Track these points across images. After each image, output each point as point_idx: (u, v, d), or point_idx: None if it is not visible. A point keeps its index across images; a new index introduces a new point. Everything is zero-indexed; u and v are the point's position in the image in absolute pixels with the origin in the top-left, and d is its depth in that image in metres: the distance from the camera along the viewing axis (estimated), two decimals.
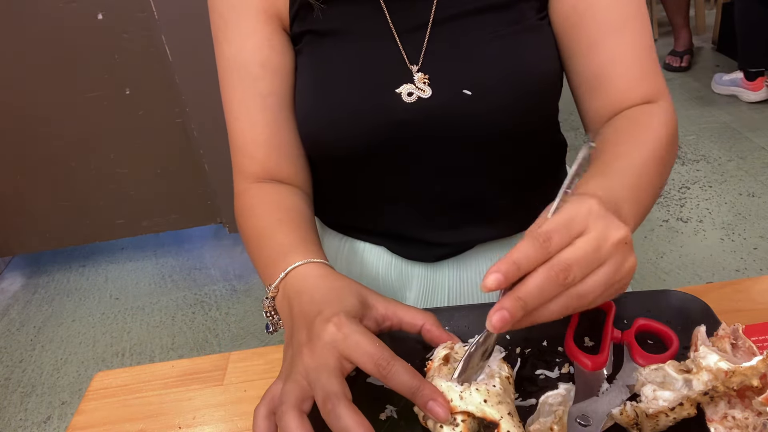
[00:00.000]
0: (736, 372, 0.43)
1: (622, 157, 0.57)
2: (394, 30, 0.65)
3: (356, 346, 0.45)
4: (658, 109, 0.64)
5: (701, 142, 2.59)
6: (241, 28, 0.67)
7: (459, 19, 0.65)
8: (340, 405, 0.42)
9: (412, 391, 0.44)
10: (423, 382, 0.44)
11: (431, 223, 0.72)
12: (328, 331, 0.47)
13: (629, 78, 0.64)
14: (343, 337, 0.46)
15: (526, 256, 0.42)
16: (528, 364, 0.55)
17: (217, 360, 0.66)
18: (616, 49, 0.64)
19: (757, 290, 0.65)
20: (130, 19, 1.78)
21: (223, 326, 1.97)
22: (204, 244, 2.38)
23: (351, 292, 0.51)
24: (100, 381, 0.65)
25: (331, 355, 0.46)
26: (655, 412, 0.45)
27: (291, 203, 0.67)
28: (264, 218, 0.65)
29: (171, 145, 2.00)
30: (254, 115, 0.68)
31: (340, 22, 0.66)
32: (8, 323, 2.11)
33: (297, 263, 0.55)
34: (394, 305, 0.52)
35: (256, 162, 0.69)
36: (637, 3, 0.65)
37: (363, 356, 0.45)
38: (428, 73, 0.64)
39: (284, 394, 0.45)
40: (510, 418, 0.43)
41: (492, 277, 0.41)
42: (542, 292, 0.42)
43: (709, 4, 3.92)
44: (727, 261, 1.93)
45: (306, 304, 0.51)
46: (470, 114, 0.63)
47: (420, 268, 0.76)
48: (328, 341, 0.46)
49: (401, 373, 0.44)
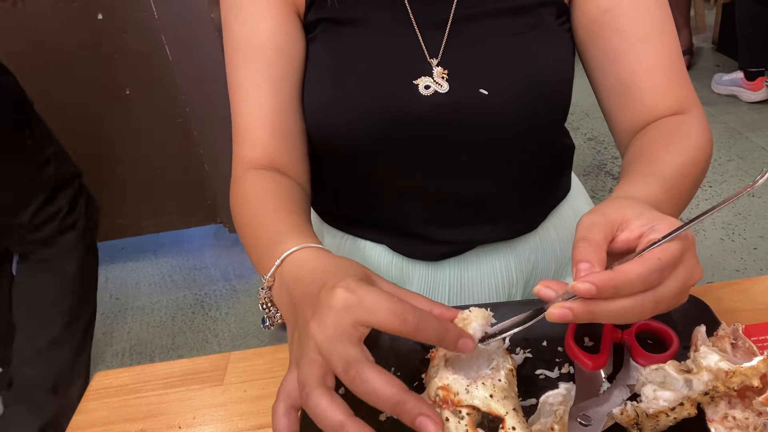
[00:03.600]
0: (737, 372, 0.43)
1: (660, 164, 0.56)
2: (415, 22, 0.65)
3: (376, 306, 0.41)
4: (690, 119, 0.63)
5: None
6: (257, 10, 0.67)
7: (479, 19, 0.65)
8: (365, 369, 0.39)
9: (442, 335, 0.42)
10: (449, 324, 0.43)
11: (434, 219, 0.72)
12: (337, 298, 0.42)
13: (657, 88, 0.64)
14: (358, 299, 0.42)
15: (629, 285, 0.40)
16: (528, 364, 0.55)
17: (217, 360, 0.66)
18: (643, 60, 0.63)
19: (757, 290, 0.65)
20: (130, 19, 1.78)
21: (223, 326, 1.97)
22: (204, 244, 2.38)
23: (354, 266, 0.48)
24: (100, 381, 0.65)
25: (344, 322, 0.41)
26: (655, 412, 0.45)
27: (287, 192, 0.65)
28: (259, 206, 0.62)
29: (171, 145, 2.00)
30: (263, 97, 0.67)
31: (359, 11, 0.66)
32: None
33: (293, 248, 0.52)
34: (397, 289, 0.48)
35: (258, 146, 0.67)
36: (663, 15, 0.64)
37: (386, 315, 0.41)
38: (447, 68, 0.64)
39: (302, 377, 0.42)
40: (515, 413, 0.43)
41: (584, 286, 0.39)
42: (620, 315, 0.41)
43: (709, 4, 3.92)
44: (727, 261, 1.93)
45: (307, 284, 0.48)
46: (484, 112, 0.64)
47: (421, 266, 0.76)
48: (340, 308, 0.42)
49: (429, 322, 0.41)
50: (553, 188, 0.79)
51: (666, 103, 0.64)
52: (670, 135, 0.61)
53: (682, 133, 0.61)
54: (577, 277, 0.41)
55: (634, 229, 0.44)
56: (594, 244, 0.43)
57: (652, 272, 0.41)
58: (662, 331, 0.53)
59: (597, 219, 0.45)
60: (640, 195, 0.50)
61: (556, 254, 0.79)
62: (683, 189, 0.56)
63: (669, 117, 0.64)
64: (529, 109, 0.64)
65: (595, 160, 2.59)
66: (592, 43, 0.66)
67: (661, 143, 0.60)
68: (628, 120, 0.66)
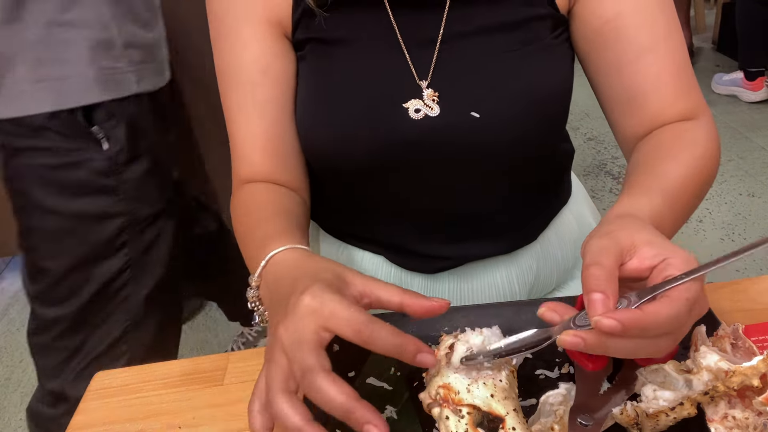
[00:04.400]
0: (737, 372, 0.43)
1: (663, 177, 0.56)
2: (403, 42, 0.63)
3: (332, 315, 0.43)
4: (697, 125, 0.62)
5: None
6: (242, 34, 0.66)
7: (470, 36, 0.63)
8: (317, 378, 0.40)
9: (398, 349, 0.42)
10: (406, 337, 0.43)
11: (431, 237, 0.72)
12: (303, 303, 0.44)
13: (664, 97, 0.62)
14: (319, 305, 0.43)
15: (657, 327, 0.40)
16: (528, 364, 0.55)
17: (217, 360, 0.66)
18: (648, 71, 0.62)
19: (757, 290, 0.65)
20: None
21: (223, 326, 1.97)
22: None
23: (327, 270, 0.49)
24: (100, 381, 0.65)
25: (307, 326, 0.43)
26: (655, 411, 0.45)
27: (281, 202, 0.66)
28: (253, 215, 0.64)
29: None
30: (253, 122, 0.67)
31: (346, 30, 0.64)
32: (8, 323, 2.11)
33: (276, 250, 0.54)
34: (372, 282, 0.49)
35: (254, 166, 0.69)
36: (668, 23, 0.63)
37: (341, 323, 0.43)
38: (438, 91, 0.63)
39: (268, 380, 0.43)
40: (516, 414, 0.43)
41: (610, 323, 0.39)
42: (635, 352, 0.42)
43: (709, 4, 3.92)
44: None
45: (283, 286, 0.49)
46: (477, 136, 0.62)
47: (419, 278, 0.75)
48: (304, 313, 0.44)
49: (383, 335, 0.42)
50: (553, 197, 0.78)
51: (673, 111, 0.63)
52: (674, 143, 0.60)
53: (688, 141, 0.60)
54: (592, 308, 0.41)
55: (645, 259, 0.44)
56: (607, 272, 0.42)
57: (681, 315, 0.41)
58: None
59: (607, 244, 0.44)
60: (644, 211, 0.50)
61: (558, 261, 0.78)
62: (685, 201, 0.56)
63: (675, 123, 0.62)
64: (525, 128, 0.63)
65: (595, 160, 2.59)
66: (595, 54, 0.65)
67: (665, 153, 0.59)
68: (633, 127, 0.65)
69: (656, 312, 0.40)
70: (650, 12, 0.62)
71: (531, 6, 0.63)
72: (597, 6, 0.63)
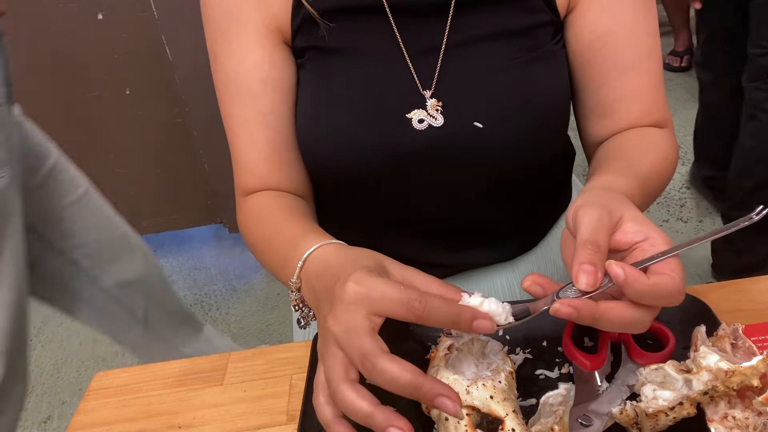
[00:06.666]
0: (736, 372, 0.43)
1: (635, 165, 0.58)
2: (406, 51, 0.63)
3: (382, 297, 0.43)
4: (663, 132, 0.65)
5: None
6: (241, 43, 0.65)
7: (473, 44, 0.62)
8: (379, 360, 0.40)
9: (454, 319, 0.42)
10: (460, 306, 0.43)
11: (432, 245, 0.71)
12: (348, 291, 0.44)
13: (637, 112, 0.65)
14: (367, 291, 0.43)
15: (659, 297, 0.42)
16: (528, 364, 0.55)
17: (217, 360, 0.66)
18: (628, 87, 0.64)
19: (757, 290, 0.65)
20: (130, 19, 1.78)
21: (223, 326, 1.97)
22: (204, 244, 2.38)
23: (366, 257, 0.49)
24: (100, 381, 0.65)
25: (356, 314, 0.43)
26: (654, 411, 0.45)
27: (291, 203, 0.66)
28: (269, 221, 0.63)
29: (171, 145, 2.00)
30: (255, 132, 0.66)
31: (347, 39, 0.63)
32: None
33: (312, 248, 0.53)
34: (409, 272, 0.49)
35: (257, 178, 0.68)
36: (650, 42, 0.64)
37: (392, 304, 0.42)
38: (442, 101, 0.62)
39: (327, 373, 0.43)
40: (515, 415, 0.43)
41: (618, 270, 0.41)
42: (624, 324, 0.42)
43: None
44: None
45: (326, 280, 0.49)
46: (481, 145, 0.62)
47: None
48: (351, 301, 0.43)
49: (437, 305, 0.42)
50: (555, 203, 0.78)
51: (644, 123, 0.66)
52: (643, 141, 0.63)
53: (655, 141, 0.64)
54: (580, 275, 0.42)
55: (628, 233, 0.45)
56: (603, 251, 0.43)
57: (677, 285, 0.42)
58: (658, 329, 0.54)
59: (603, 217, 0.45)
60: (622, 189, 0.51)
61: (558, 266, 0.78)
62: (651, 190, 0.59)
63: (642, 127, 0.66)
64: (528, 137, 0.63)
65: None
66: (582, 68, 0.66)
67: (636, 147, 0.62)
68: (599, 134, 0.67)
69: (664, 284, 0.41)
70: (637, 30, 0.63)
71: (534, 13, 0.62)
72: (592, 19, 0.63)
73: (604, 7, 0.62)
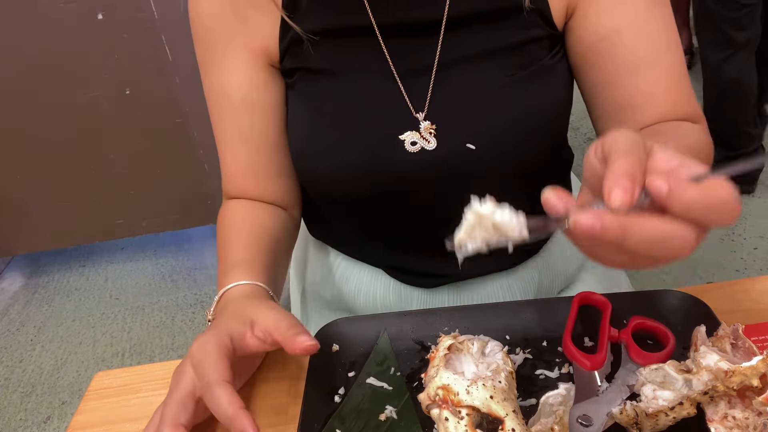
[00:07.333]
0: (736, 372, 0.43)
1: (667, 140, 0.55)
2: (396, 72, 0.61)
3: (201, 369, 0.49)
4: (695, 126, 0.62)
5: None
6: (226, 62, 0.66)
7: (465, 63, 0.61)
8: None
9: (227, 423, 0.46)
10: (238, 411, 0.46)
11: (431, 257, 0.71)
12: (191, 349, 0.51)
13: (661, 108, 0.62)
14: (198, 362, 0.50)
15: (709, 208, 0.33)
16: (528, 364, 0.55)
17: None
18: (643, 85, 0.61)
19: (757, 290, 0.65)
20: (130, 19, 1.78)
21: None
22: (204, 244, 2.38)
23: (237, 317, 0.53)
24: (100, 381, 0.65)
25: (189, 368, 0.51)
26: (654, 411, 0.45)
27: (260, 220, 0.67)
28: (225, 235, 0.66)
29: (171, 145, 2.00)
30: (236, 147, 0.68)
31: (335, 60, 0.62)
32: (8, 323, 2.11)
33: (229, 285, 0.58)
34: (269, 324, 0.52)
35: (238, 186, 0.71)
36: (667, 38, 0.62)
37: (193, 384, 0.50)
38: (435, 123, 0.61)
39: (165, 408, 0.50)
40: (515, 415, 0.43)
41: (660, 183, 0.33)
42: (659, 240, 0.33)
43: None
44: (727, 261, 1.93)
45: (218, 317, 0.56)
46: (475, 166, 0.61)
47: (419, 291, 0.75)
48: (190, 355, 0.51)
49: (219, 405, 0.46)
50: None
51: (669, 119, 0.62)
52: (673, 127, 0.60)
53: (686, 127, 0.60)
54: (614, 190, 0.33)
55: (659, 159, 0.36)
56: (643, 166, 0.35)
57: (734, 201, 0.33)
58: (657, 329, 0.54)
59: (638, 138, 0.37)
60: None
61: (559, 270, 0.77)
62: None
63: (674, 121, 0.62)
64: (523, 154, 0.62)
65: None
66: (589, 70, 0.64)
67: (665, 130, 0.59)
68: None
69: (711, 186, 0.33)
70: (648, 29, 0.61)
71: (527, 28, 0.61)
72: (592, 22, 0.62)
73: (604, 9, 0.61)
